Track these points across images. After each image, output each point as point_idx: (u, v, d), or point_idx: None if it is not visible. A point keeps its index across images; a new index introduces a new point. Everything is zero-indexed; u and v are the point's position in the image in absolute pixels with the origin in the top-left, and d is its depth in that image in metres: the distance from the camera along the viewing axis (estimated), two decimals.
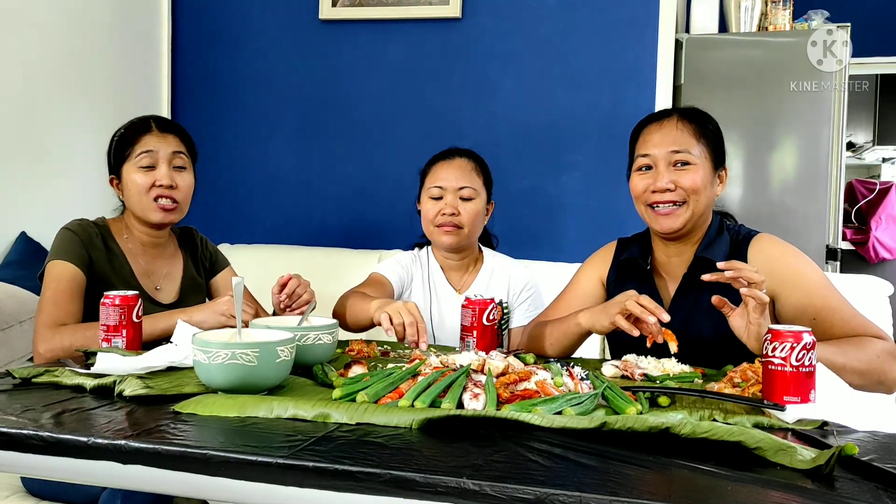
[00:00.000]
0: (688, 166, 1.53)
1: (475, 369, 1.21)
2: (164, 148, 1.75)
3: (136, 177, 1.72)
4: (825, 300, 1.44)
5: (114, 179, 1.78)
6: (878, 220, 4.28)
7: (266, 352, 1.14)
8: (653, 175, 1.56)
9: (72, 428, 0.97)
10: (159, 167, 1.74)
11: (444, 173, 1.91)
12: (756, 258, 1.52)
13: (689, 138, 1.54)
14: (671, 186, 1.52)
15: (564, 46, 2.83)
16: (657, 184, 1.54)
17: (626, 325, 1.36)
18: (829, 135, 2.74)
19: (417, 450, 0.91)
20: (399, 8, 2.92)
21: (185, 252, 1.89)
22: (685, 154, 1.53)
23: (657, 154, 1.55)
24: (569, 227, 2.84)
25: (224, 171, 3.14)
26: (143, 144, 1.73)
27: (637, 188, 1.59)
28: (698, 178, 1.52)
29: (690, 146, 1.53)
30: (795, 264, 1.50)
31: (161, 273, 1.81)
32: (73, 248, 1.66)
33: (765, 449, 0.90)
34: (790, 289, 1.47)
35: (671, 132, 1.55)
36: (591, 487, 0.79)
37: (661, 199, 1.54)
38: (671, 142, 1.54)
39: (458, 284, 1.97)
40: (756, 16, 2.90)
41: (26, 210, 2.42)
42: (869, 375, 1.31)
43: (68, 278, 1.62)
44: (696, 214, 1.54)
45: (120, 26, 2.88)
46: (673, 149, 1.53)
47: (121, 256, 1.74)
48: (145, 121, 1.78)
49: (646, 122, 1.63)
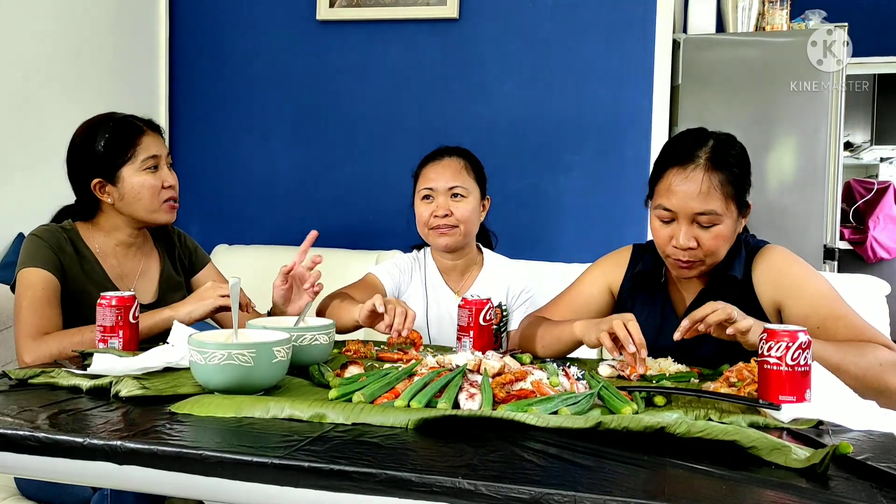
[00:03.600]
0: (712, 227, 1.45)
1: (471, 369, 1.21)
2: (162, 149, 1.74)
3: (146, 179, 1.70)
4: (830, 309, 1.43)
5: (98, 182, 1.70)
6: (875, 219, 4.28)
7: (262, 352, 1.14)
8: (674, 229, 1.48)
9: (68, 429, 0.97)
10: (161, 168, 1.73)
11: (434, 174, 1.90)
12: (761, 270, 1.52)
13: (714, 194, 1.43)
14: (693, 245, 1.46)
15: (561, 47, 2.83)
16: (678, 240, 1.47)
17: (608, 345, 1.36)
18: (826, 134, 2.75)
19: (413, 450, 0.92)
20: (396, 9, 2.92)
21: (162, 250, 1.86)
22: (711, 216, 1.44)
23: (680, 210, 1.46)
24: (566, 227, 2.84)
25: (222, 172, 3.14)
26: (145, 147, 1.71)
27: (659, 237, 1.51)
28: (721, 238, 1.46)
29: (716, 204, 1.43)
30: (800, 274, 1.49)
31: (136, 274, 1.78)
32: (43, 254, 1.62)
33: (759, 448, 0.90)
34: (795, 298, 1.46)
35: (697, 186, 1.44)
36: (587, 487, 0.79)
37: (682, 256, 1.48)
38: (697, 201, 1.44)
39: (456, 287, 1.96)
40: (753, 16, 2.90)
41: (24, 211, 2.42)
42: (865, 382, 1.29)
43: (43, 286, 1.59)
44: (714, 265, 1.51)
45: (117, 27, 2.88)
46: (699, 210, 1.44)
47: (92, 260, 1.70)
48: (132, 122, 1.73)
49: (671, 161, 1.49)
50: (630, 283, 1.66)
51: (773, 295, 1.49)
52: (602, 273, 1.71)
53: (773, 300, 1.49)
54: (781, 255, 1.53)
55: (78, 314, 1.63)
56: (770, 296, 1.49)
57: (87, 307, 1.63)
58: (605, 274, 1.70)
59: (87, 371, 1.25)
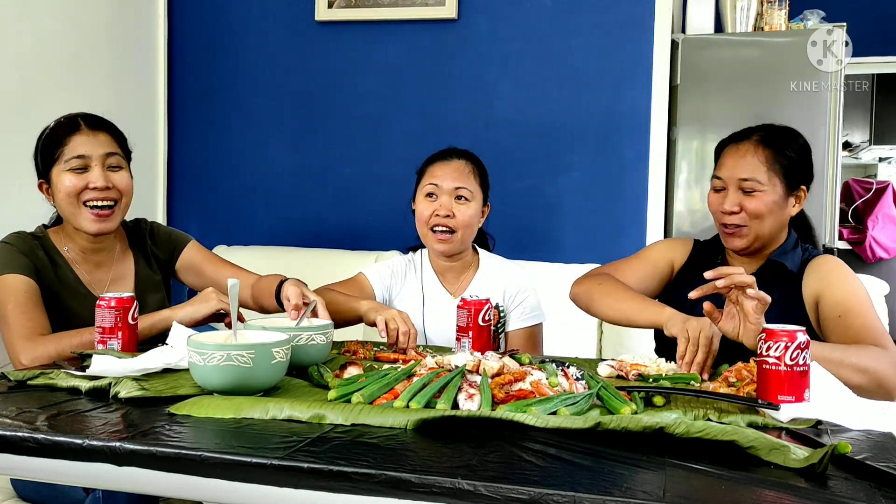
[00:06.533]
0: (754, 193, 1.59)
1: (470, 370, 1.21)
2: (97, 148, 1.62)
3: (66, 179, 1.59)
4: (857, 305, 1.51)
5: (43, 184, 1.65)
6: (874, 219, 4.28)
7: (261, 353, 1.14)
8: (723, 196, 1.63)
9: (67, 430, 0.98)
10: (92, 169, 1.61)
11: (441, 172, 1.89)
12: (813, 270, 1.60)
13: (759, 165, 1.60)
14: (736, 209, 1.60)
15: (560, 47, 2.83)
16: (724, 205, 1.62)
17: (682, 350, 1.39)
18: (825, 134, 2.74)
19: (412, 450, 0.92)
20: (395, 9, 2.92)
21: (136, 251, 1.78)
22: (753, 182, 1.59)
23: (727, 178, 1.63)
24: (566, 227, 2.84)
25: (220, 173, 3.13)
26: (72, 146, 1.60)
27: (711, 205, 1.68)
28: (762, 205, 1.58)
29: (759, 173, 1.59)
30: (846, 274, 1.59)
31: (108, 278, 1.73)
32: (18, 260, 1.58)
33: (758, 448, 0.90)
34: (832, 289, 1.55)
35: (743, 156, 1.62)
36: (586, 487, 0.79)
37: (728, 220, 1.62)
38: (742, 169, 1.61)
39: (452, 289, 1.95)
40: (752, 16, 2.90)
41: (23, 211, 2.42)
42: (867, 373, 1.32)
43: (24, 290, 1.56)
44: (761, 237, 1.61)
45: (116, 27, 2.88)
46: (742, 176, 1.60)
47: (64, 266, 1.66)
48: (73, 119, 1.65)
49: (727, 140, 1.69)
50: (690, 264, 1.75)
51: (816, 286, 1.58)
52: (670, 248, 1.81)
53: (815, 292, 1.57)
54: (837, 261, 1.64)
55: (55, 320, 1.59)
56: (813, 287, 1.58)
57: (62, 313, 1.62)
58: (672, 250, 1.80)
59: (86, 372, 1.25)
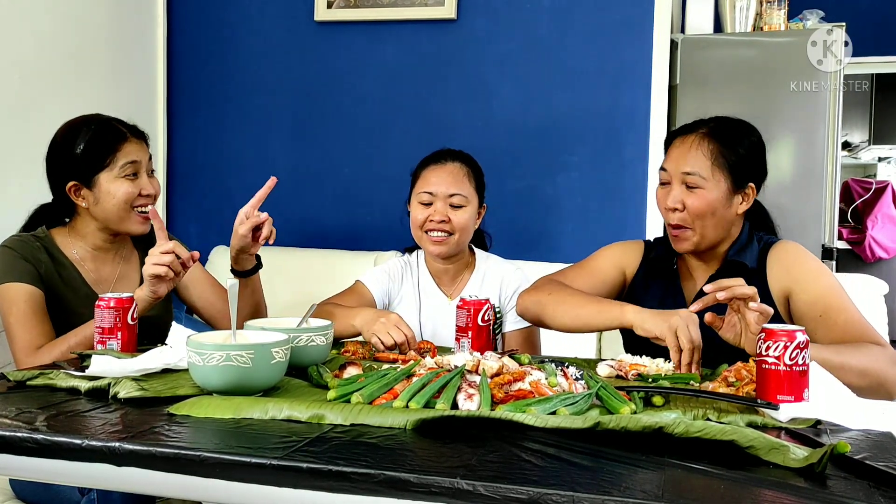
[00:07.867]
0: (696, 189, 1.52)
1: (470, 370, 1.21)
2: (143, 156, 1.70)
3: (121, 187, 1.65)
4: (835, 302, 1.48)
5: (76, 187, 1.67)
6: (874, 219, 4.29)
7: (261, 353, 1.14)
8: (668, 191, 1.57)
9: (66, 430, 0.98)
10: (141, 176, 1.69)
11: (435, 178, 1.87)
12: (775, 259, 1.56)
13: (703, 159, 1.52)
14: (679, 206, 1.53)
15: (559, 47, 2.83)
16: (667, 202, 1.55)
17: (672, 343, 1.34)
18: (824, 134, 2.74)
19: (411, 450, 0.92)
20: (394, 9, 2.91)
21: (141, 251, 1.80)
22: (695, 178, 1.52)
23: (671, 170, 1.56)
24: (565, 227, 2.84)
25: (219, 174, 3.13)
26: (125, 153, 1.66)
27: (658, 201, 1.61)
28: (704, 203, 1.51)
29: (703, 168, 1.52)
30: (812, 266, 1.54)
31: (113, 278, 1.75)
32: (19, 267, 1.60)
33: (757, 448, 0.90)
34: (804, 285, 1.51)
35: (687, 149, 1.54)
36: (585, 487, 0.79)
37: (673, 219, 1.55)
38: (686, 162, 1.53)
39: (449, 290, 1.94)
40: (751, 16, 2.90)
41: (23, 212, 2.42)
42: (868, 376, 1.32)
43: (25, 299, 1.57)
44: (706, 237, 1.55)
45: (115, 28, 2.88)
46: (685, 170, 1.53)
47: (69, 266, 1.68)
48: (115, 127, 1.69)
49: (676, 132, 1.62)
50: (643, 271, 1.69)
51: (784, 283, 1.53)
52: (619, 255, 1.73)
53: (784, 288, 1.53)
54: (796, 247, 1.59)
55: (59, 322, 1.61)
56: (781, 284, 1.53)
57: (67, 314, 1.63)
58: (622, 256, 1.72)
59: (85, 372, 1.25)
